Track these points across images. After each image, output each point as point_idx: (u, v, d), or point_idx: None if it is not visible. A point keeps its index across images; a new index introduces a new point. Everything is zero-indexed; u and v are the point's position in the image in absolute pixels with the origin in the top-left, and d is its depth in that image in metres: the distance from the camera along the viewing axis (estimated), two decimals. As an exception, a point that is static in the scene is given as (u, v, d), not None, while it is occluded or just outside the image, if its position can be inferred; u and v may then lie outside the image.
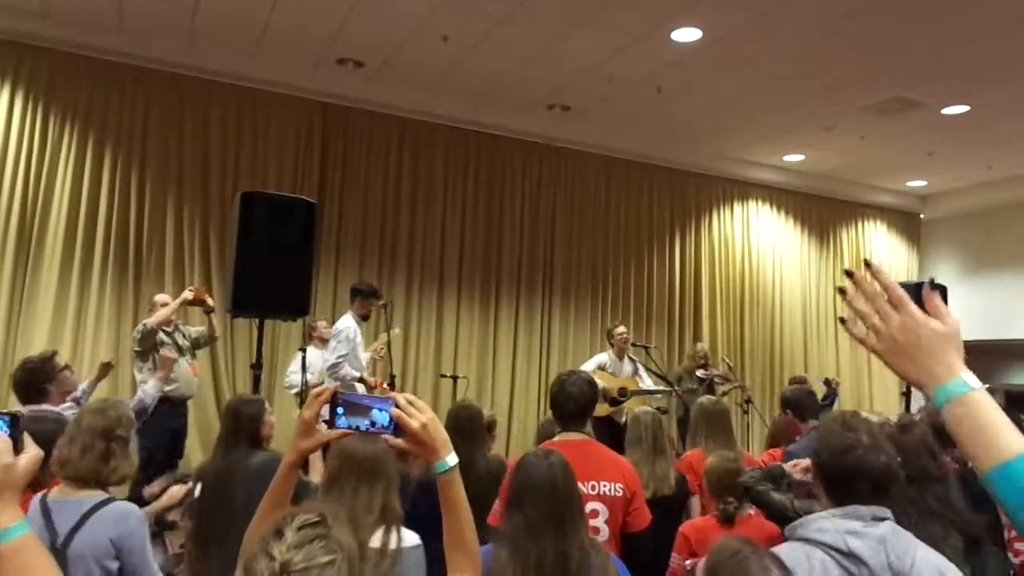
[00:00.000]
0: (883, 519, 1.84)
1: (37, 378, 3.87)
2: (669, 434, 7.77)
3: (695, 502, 4.02)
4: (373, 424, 1.43)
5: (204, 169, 7.59)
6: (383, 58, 7.34)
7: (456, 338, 8.59)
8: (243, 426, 3.18)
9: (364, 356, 6.25)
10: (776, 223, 10.81)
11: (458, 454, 1.48)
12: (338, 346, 5.97)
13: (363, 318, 6.23)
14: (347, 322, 6.11)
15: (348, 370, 5.95)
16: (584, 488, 2.61)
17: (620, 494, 2.86)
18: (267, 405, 3.45)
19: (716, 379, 7.99)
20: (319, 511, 1.21)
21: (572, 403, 3.03)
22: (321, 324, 6.96)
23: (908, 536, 1.85)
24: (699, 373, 7.90)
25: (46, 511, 2.42)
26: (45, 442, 2.49)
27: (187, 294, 5.68)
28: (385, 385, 6.23)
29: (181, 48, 7.21)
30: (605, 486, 2.83)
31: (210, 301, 5.80)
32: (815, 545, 1.81)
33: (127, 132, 7.31)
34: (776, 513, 2.61)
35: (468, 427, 3.54)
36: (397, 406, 1.43)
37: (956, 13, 5.88)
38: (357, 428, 1.43)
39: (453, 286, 8.63)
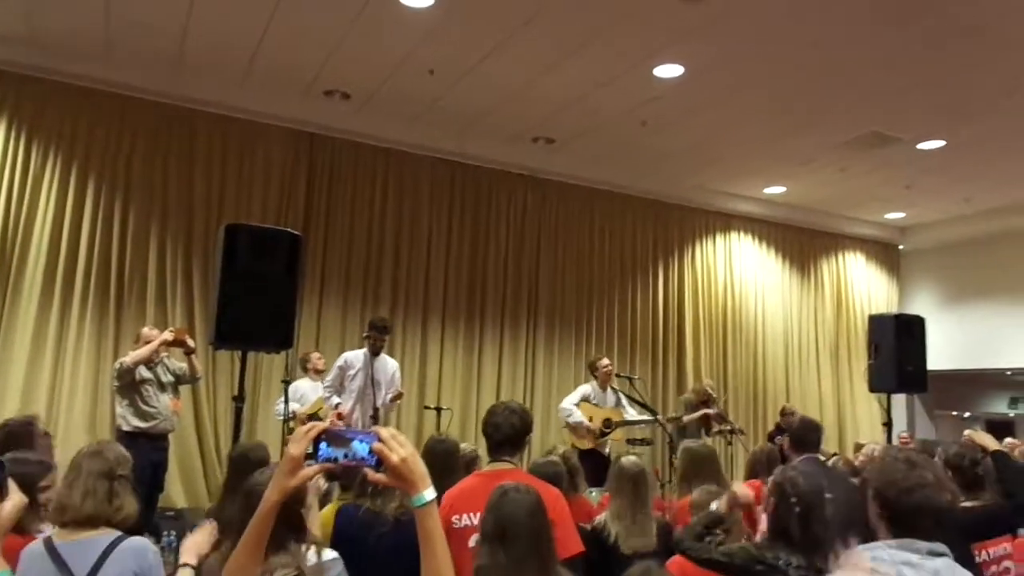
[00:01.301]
0: (940, 554, 1.88)
1: (18, 443, 3.78)
2: (654, 466, 7.80)
3: None
4: (353, 456, 1.43)
5: (188, 199, 7.57)
6: (370, 90, 7.39)
7: (440, 370, 8.56)
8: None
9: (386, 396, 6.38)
10: (758, 254, 10.91)
11: (436, 486, 1.49)
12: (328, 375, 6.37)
13: (373, 353, 6.31)
14: (347, 353, 6.50)
15: (333, 399, 6.14)
16: None
17: None
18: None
19: (714, 419, 7.94)
20: (297, 565, 1.19)
21: (499, 433, 3.10)
22: (315, 355, 6.96)
23: (964, 572, 1.89)
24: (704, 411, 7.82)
25: (55, 554, 2.37)
26: (27, 485, 2.46)
27: (167, 335, 5.64)
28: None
29: (168, 77, 7.22)
30: None
31: (191, 342, 5.76)
32: (870, 574, 1.83)
33: (111, 161, 7.28)
34: (735, 570, 2.53)
35: (443, 461, 3.51)
36: (380, 439, 1.43)
37: (930, 51, 6.02)
38: (336, 460, 1.43)
39: (437, 317, 8.62)
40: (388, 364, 6.50)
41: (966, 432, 5.32)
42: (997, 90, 6.71)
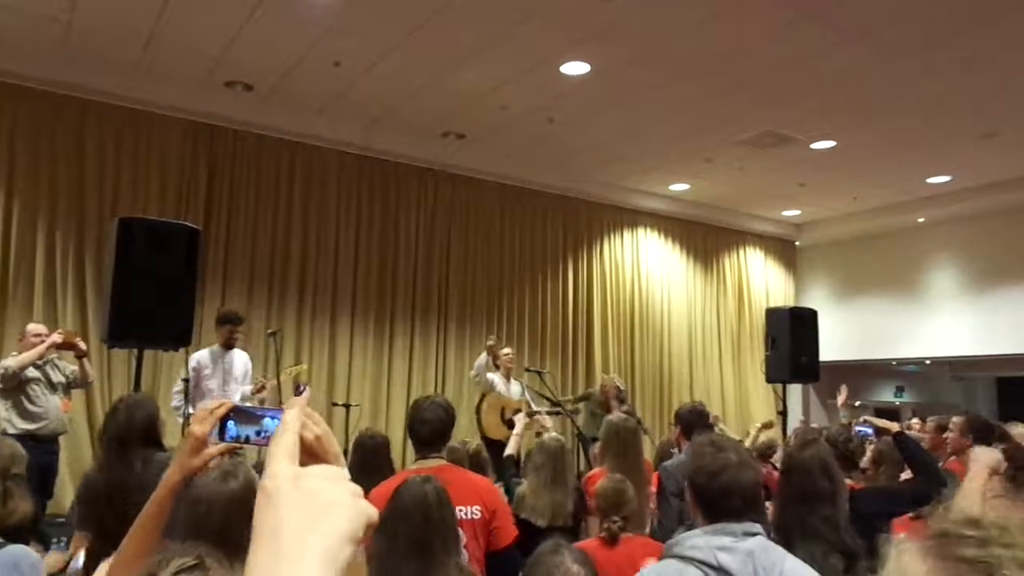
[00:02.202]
0: (753, 534, 1.92)
1: None
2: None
3: (593, 522, 4.07)
4: (262, 433, 1.40)
5: (79, 193, 7.22)
6: (273, 82, 7.22)
7: (350, 365, 8.45)
8: (136, 426, 2.86)
9: (243, 389, 5.94)
10: (664, 250, 11.22)
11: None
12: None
13: (225, 347, 5.89)
14: (195, 353, 5.88)
15: (177, 401, 5.70)
16: None
17: (478, 516, 2.93)
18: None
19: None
20: (195, 552, 1.16)
21: (427, 428, 3.07)
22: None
23: (777, 549, 1.93)
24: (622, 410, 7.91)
25: None
26: None
27: (56, 337, 5.34)
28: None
29: (54, 63, 6.84)
30: (461, 510, 2.85)
31: (82, 345, 5.47)
32: (688, 562, 1.88)
33: (-8, 151, 6.88)
34: None
35: (373, 457, 3.49)
36: None
37: (821, 56, 6.32)
38: (247, 439, 1.39)
39: (346, 313, 8.50)
40: (239, 357, 6.02)
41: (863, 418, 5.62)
42: (883, 95, 7.09)
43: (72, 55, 6.77)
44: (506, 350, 7.65)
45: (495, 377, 7.40)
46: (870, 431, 5.10)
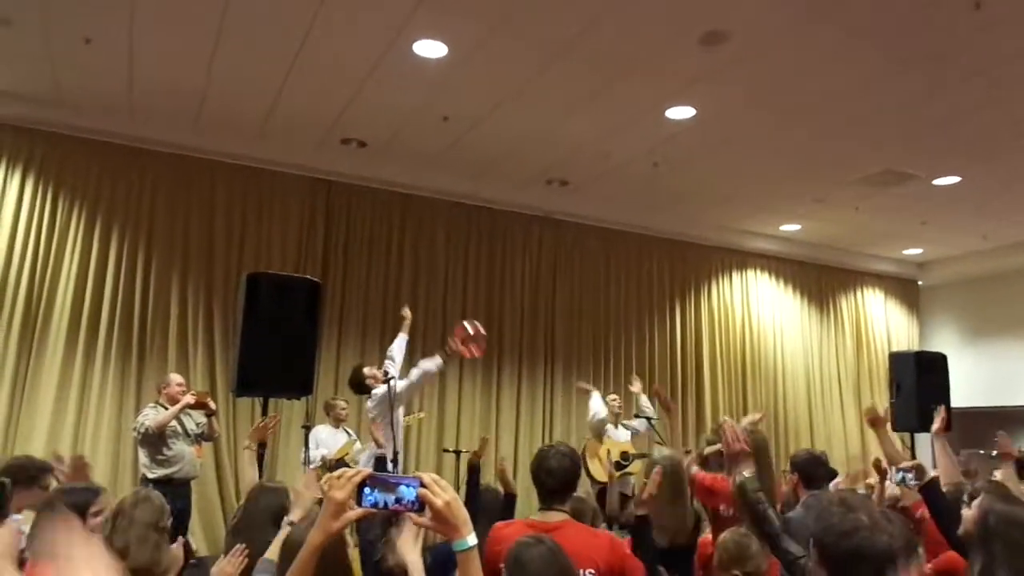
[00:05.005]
0: None
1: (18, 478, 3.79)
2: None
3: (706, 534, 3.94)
4: (399, 501, 1.46)
5: (209, 249, 7.69)
6: (386, 138, 7.53)
7: (459, 412, 8.55)
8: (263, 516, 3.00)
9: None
10: (775, 291, 10.88)
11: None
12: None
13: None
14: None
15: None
16: None
17: None
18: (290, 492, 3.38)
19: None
20: None
21: (553, 479, 2.92)
22: (341, 403, 6.91)
23: None
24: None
25: None
26: (80, 512, 2.50)
27: (189, 398, 5.73)
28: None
29: (188, 132, 7.41)
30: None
31: (212, 404, 5.90)
32: None
33: (134, 214, 7.43)
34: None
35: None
36: (423, 484, 1.46)
37: (945, 90, 6.06)
38: (385, 505, 1.46)
39: (455, 359, 8.62)
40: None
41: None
42: (1008, 130, 6.74)
43: (203, 122, 7.29)
44: (612, 396, 7.69)
45: (608, 423, 7.49)
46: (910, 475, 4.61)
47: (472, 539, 1.49)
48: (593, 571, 2.76)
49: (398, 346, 5.81)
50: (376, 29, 5.50)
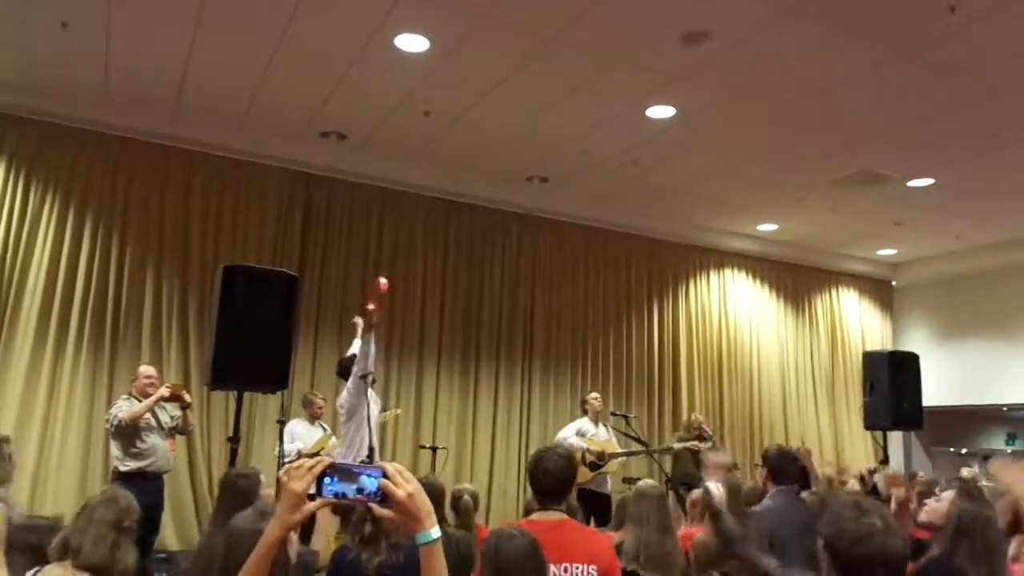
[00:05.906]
0: None
1: None
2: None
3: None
4: (361, 491, 1.43)
5: (184, 240, 7.60)
6: (366, 131, 7.48)
7: (435, 408, 8.53)
8: (239, 503, 3.04)
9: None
10: (752, 291, 10.97)
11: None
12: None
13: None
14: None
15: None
16: (556, 571, 2.62)
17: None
18: (263, 478, 3.38)
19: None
20: None
21: (550, 479, 2.95)
22: (319, 399, 6.82)
23: None
24: (694, 444, 7.78)
25: None
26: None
27: (164, 391, 5.63)
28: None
29: (166, 120, 7.30)
30: (577, 568, 2.78)
31: (187, 397, 5.79)
32: None
33: (108, 203, 7.32)
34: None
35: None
36: (385, 475, 1.43)
37: (918, 90, 6.13)
38: (344, 495, 1.43)
39: (432, 356, 8.61)
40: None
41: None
42: (981, 132, 6.83)
43: (182, 110, 7.20)
44: (593, 394, 7.68)
45: (584, 426, 7.52)
46: None
47: (436, 532, 1.45)
48: (595, 568, 2.81)
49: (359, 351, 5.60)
50: (358, 21, 5.46)
